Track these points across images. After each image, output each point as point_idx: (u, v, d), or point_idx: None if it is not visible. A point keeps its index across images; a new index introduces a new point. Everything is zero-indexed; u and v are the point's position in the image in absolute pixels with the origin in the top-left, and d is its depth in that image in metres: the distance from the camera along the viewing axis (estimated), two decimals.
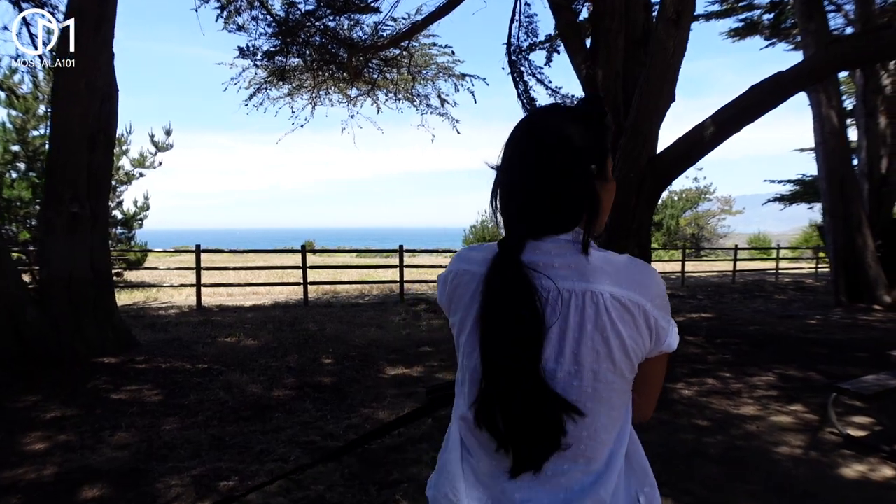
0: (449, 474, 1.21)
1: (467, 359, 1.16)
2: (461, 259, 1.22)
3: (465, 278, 1.18)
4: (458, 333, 1.19)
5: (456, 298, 1.20)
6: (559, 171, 1.12)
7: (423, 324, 10.70)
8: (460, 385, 1.21)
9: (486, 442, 1.13)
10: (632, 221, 9.32)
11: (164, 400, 5.70)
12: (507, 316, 1.06)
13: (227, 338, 8.91)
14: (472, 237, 34.80)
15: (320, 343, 8.57)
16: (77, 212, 6.95)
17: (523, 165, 1.14)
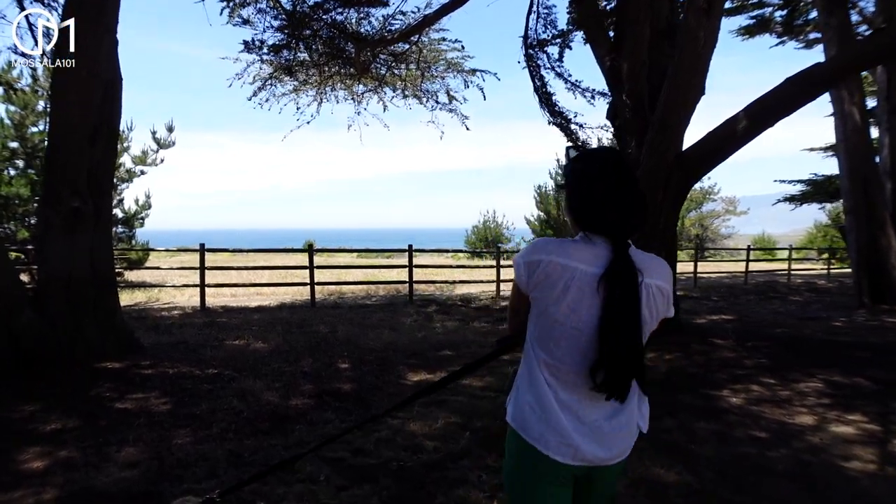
0: (542, 407, 1.69)
1: (562, 324, 1.65)
2: (549, 251, 1.67)
3: (556, 269, 1.64)
4: (547, 305, 1.66)
5: (547, 282, 1.65)
6: (643, 199, 1.72)
7: (437, 326, 10.22)
8: (543, 339, 1.70)
9: (572, 378, 1.67)
10: (657, 220, 8.85)
11: (174, 409, 5.20)
12: (626, 300, 1.60)
13: (236, 340, 8.41)
14: (473, 237, 34.31)
15: (334, 346, 8.07)
16: (78, 207, 6.45)
17: (628, 191, 1.69)
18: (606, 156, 1.80)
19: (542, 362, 1.70)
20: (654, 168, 8.57)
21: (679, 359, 7.41)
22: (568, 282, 1.62)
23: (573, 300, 1.62)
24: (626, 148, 9.16)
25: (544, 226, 30.94)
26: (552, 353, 1.68)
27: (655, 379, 6.42)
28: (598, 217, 1.67)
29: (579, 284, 1.62)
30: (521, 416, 1.74)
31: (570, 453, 1.67)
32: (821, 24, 13.13)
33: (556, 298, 1.64)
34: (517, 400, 1.78)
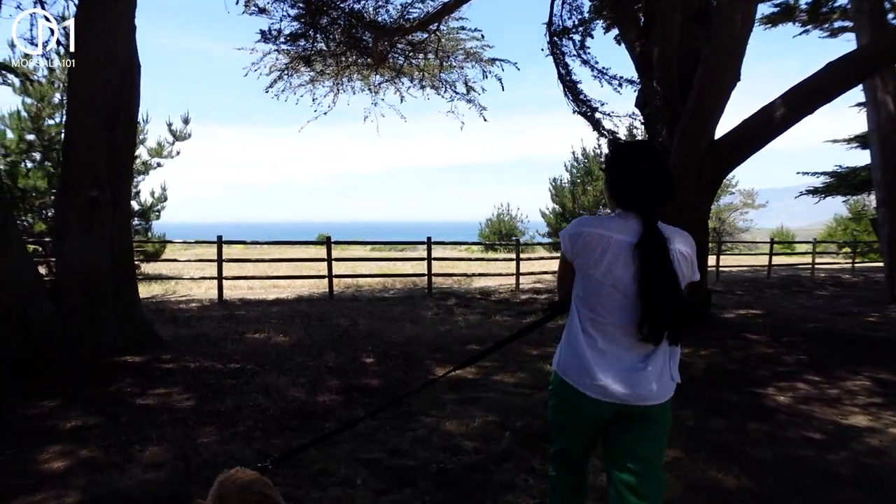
0: (579, 353, 2.03)
1: (599, 283, 2.00)
2: (588, 224, 2.05)
3: (595, 238, 1.99)
4: (588, 268, 2.02)
5: (586, 249, 2.01)
6: (672, 184, 2.13)
7: (459, 319, 9.95)
8: (586, 298, 2.05)
9: (610, 330, 2.01)
10: (689, 210, 8.53)
11: (197, 406, 4.97)
12: (661, 263, 1.94)
13: (256, 334, 8.19)
14: (487, 230, 34.02)
15: (356, 340, 7.83)
16: (96, 196, 6.22)
17: (656, 175, 2.04)
18: (639, 145, 2.37)
19: (584, 317, 2.05)
20: (686, 156, 8.24)
21: (716, 355, 7.10)
22: (604, 248, 1.96)
23: (609, 263, 1.96)
24: (657, 136, 8.83)
25: (559, 219, 30.59)
26: (594, 309, 2.02)
27: (695, 375, 6.13)
28: (632, 195, 2.03)
29: (614, 250, 1.96)
30: (564, 362, 2.11)
31: (602, 392, 2.00)
32: (851, 11, 12.70)
33: (595, 262, 1.98)
34: (561, 349, 2.15)
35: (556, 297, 2.42)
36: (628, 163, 2.09)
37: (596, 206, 29.28)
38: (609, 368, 1.98)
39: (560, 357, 2.14)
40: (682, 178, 8.37)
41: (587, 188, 29.53)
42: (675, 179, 8.31)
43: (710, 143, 8.25)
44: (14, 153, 14.95)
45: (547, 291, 14.27)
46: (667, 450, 3.16)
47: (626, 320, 1.97)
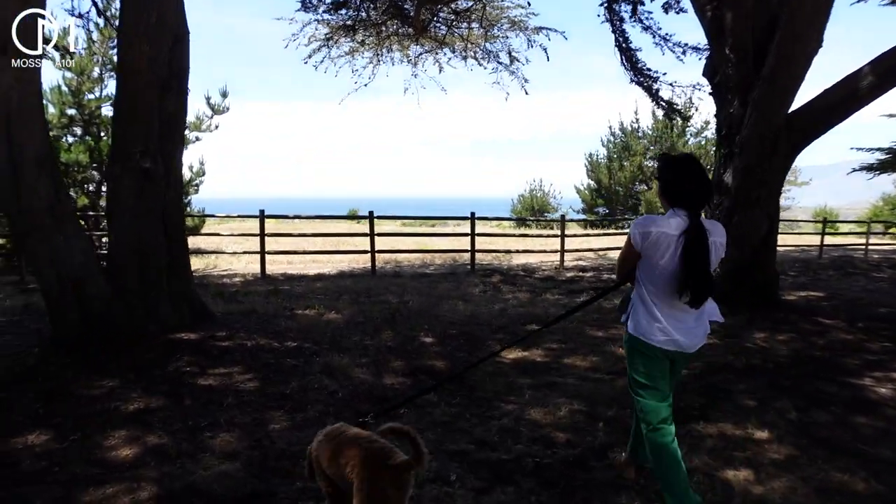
0: (655, 318, 2.71)
1: (663, 269, 2.63)
2: (655, 223, 2.64)
3: (662, 236, 2.60)
4: (653, 258, 2.65)
5: (655, 244, 2.62)
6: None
7: (509, 297, 9.57)
8: (650, 278, 2.70)
9: (667, 298, 2.67)
10: (760, 187, 7.98)
11: (261, 387, 4.67)
12: (701, 251, 2.57)
13: (306, 310, 7.90)
14: (519, 206, 33.39)
15: (410, 318, 7.50)
16: (148, 168, 5.92)
17: (700, 180, 2.66)
18: (686, 157, 2.79)
19: (651, 293, 2.71)
20: (760, 129, 7.66)
21: (795, 340, 6.61)
22: (668, 243, 2.60)
23: (670, 254, 2.60)
24: (727, 108, 8.24)
25: (594, 195, 29.88)
26: (656, 285, 2.68)
27: (781, 363, 5.68)
28: (683, 197, 2.64)
29: (668, 242, 2.59)
30: (641, 326, 2.74)
31: (672, 343, 2.70)
32: None
33: (661, 254, 2.62)
34: (636, 318, 2.77)
35: (616, 276, 3.05)
36: (679, 171, 2.71)
37: (632, 182, 28.51)
38: (676, 325, 2.70)
39: (638, 324, 2.76)
40: (754, 153, 7.81)
41: (624, 164, 28.70)
42: (747, 154, 7.76)
43: (786, 115, 7.66)
44: (56, 128, 14.80)
45: (592, 269, 13.80)
46: (779, 446, 3.77)
47: (670, 285, 2.65)
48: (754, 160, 7.85)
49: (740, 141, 7.94)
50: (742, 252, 8.16)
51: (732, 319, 7.53)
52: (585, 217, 30.23)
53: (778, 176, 8.07)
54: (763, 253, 8.24)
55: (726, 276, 8.25)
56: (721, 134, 8.42)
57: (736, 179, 8.06)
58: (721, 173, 8.39)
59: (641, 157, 28.32)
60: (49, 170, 5.27)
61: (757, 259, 8.20)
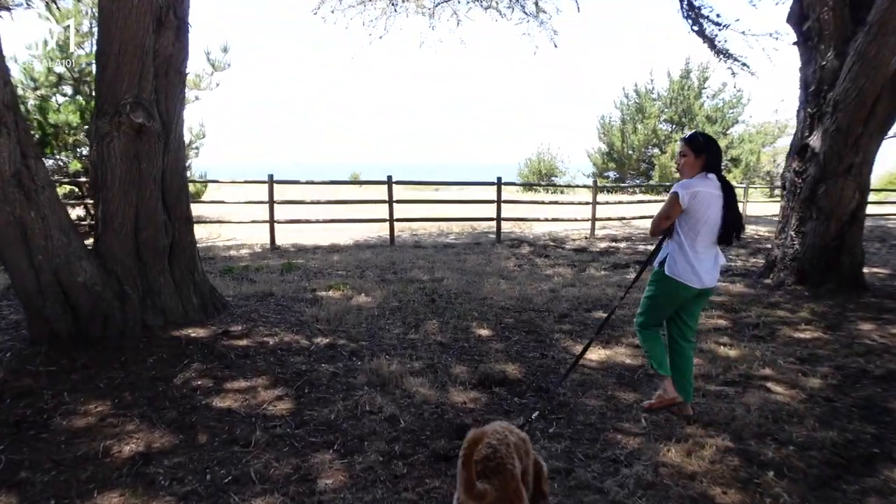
0: (691, 263, 3.27)
1: (707, 221, 3.26)
2: (699, 185, 3.24)
3: (706, 195, 3.22)
4: (698, 212, 3.23)
5: (701, 201, 3.22)
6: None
7: (550, 273, 8.39)
8: (693, 228, 3.27)
9: (706, 244, 3.30)
10: (854, 153, 6.75)
11: (297, 410, 3.51)
12: (734, 204, 3.36)
13: (329, 291, 6.72)
14: (526, 170, 32.01)
15: (452, 302, 6.33)
16: (142, 123, 4.64)
17: (721, 156, 3.44)
18: (710, 135, 3.52)
19: (691, 240, 3.28)
20: (861, 86, 6.39)
21: None
22: (710, 200, 3.24)
23: (710, 206, 3.24)
24: (818, 59, 6.95)
25: (606, 158, 28.55)
26: (698, 234, 3.27)
27: None
28: (716, 165, 3.35)
29: (709, 200, 3.24)
30: (679, 269, 3.30)
31: (700, 282, 3.30)
32: None
33: (705, 209, 3.24)
34: (674, 263, 3.32)
35: (652, 231, 3.51)
36: (712, 144, 3.37)
37: (645, 146, 27.15)
38: (702, 268, 3.29)
39: (676, 266, 3.31)
40: (851, 113, 6.55)
41: (637, 126, 27.27)
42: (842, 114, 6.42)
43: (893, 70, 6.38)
44: (43, 86, 13.33)
45: (625, 239, 12.63)
46: None
47: (712, 239, 3.31)
48: (850, 122, 6.60)
49: (834, 99, 6.67)
50: (828, 228, 6.98)
51: (822, 305, 6.40)
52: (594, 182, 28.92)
53: (874, 142, 6.83)
54: (851, 229, 7.06)
55: (810, 254, 7.09)
56: (808, 91, 7.13)
57: (825, 144, 6.82)
58: (805, 136, 7.14)
59: (655, 119, 26.90)
60: (11, 128, 3.99)
61: (843, 236, 7.02)
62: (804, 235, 7.13)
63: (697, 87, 26.46)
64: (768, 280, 7.56)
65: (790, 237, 7.28)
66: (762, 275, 7.78)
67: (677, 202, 3.23)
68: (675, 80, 27.00)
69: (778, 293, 6.99)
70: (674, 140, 25.93)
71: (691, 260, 3.23)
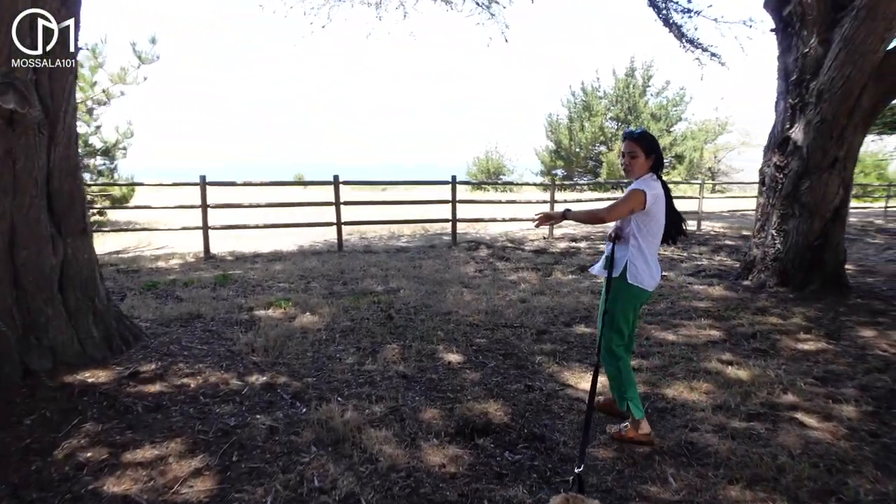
0: (650, 265, 3.08)
1: (660, 221, 3.11)
2: (654, 185, 3.07)
3: (660, 196, 3.09)
4: (656, 213, 3.07)
5: (659, 202, 3.07)
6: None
7: (514, 279, 7.63)
8: (649, 230, 3.09)
9: (655, 247, 3.14)
10: (838, 146, 6.25)
11: (221, 496, 2.55)
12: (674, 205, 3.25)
13: (270, 310, 5.74)
14: (475, 168, 31.36)
15: (412, 318, 5.46)
16: (15, 110, 3.56)
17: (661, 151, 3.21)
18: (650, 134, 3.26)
19: (650, 244, 3.10)
20: (847, 75, 5.87)
21: None
22: (661, 199, 3.10)
23: (662, 208, 3.11)
24: (799, 46, 6.41)
25: (554, 156, 28.16)
26: (656, 236, 3.13)
27: None
28: (661, 166, 3.18)
29: (662, 199, 3.11)
30: (641, 276, 3.06)
31: (654, 284, 3.14)
32: None
33: (659, 209, 3.09)
34: (636, 270, 3.07)
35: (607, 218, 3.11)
36: (657, 143, 3.17)
37: (593, 143, 26.88)
38: (657, 270, 3.15)
39: (638, 274, 3.07)
40: (836, 104, 6.04)
41: (584, 124, 26.98)
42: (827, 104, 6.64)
43: (881, 57, 5.89)
44: None
45: (584, 238, 12.03)
46: None
47: (657, 234, 3.14)
48: (835, 112, 6.08)
49: (818, 88, 6.13)
50: (811, 225, 6.46)
51: (812, 309, 5.86)
52: (543, 180, 28.52)
53: (859, 134, 6.35)
54: (834, 226, 6.57)
55: (792, 253, 6.56)
56: (790, 80, 6.58)
57: (809, 136, 6.29)
58: (786, 129, 6.60)
59: (602, 117, 26.67)
60: None
61: (827, 234, 6.52)
62: (786, 234, 6.59)
63: (642, 85, 26.40)
64: (747, 282, 7.01)
65: (771, 236, 6.74)
66: (740, 276, 7.23)
67: (643, 201, 3.01)
68: (620, 78, 26.90)
69: (762, 296, 6.43)
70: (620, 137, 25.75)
71: (650, 263, 3.11)
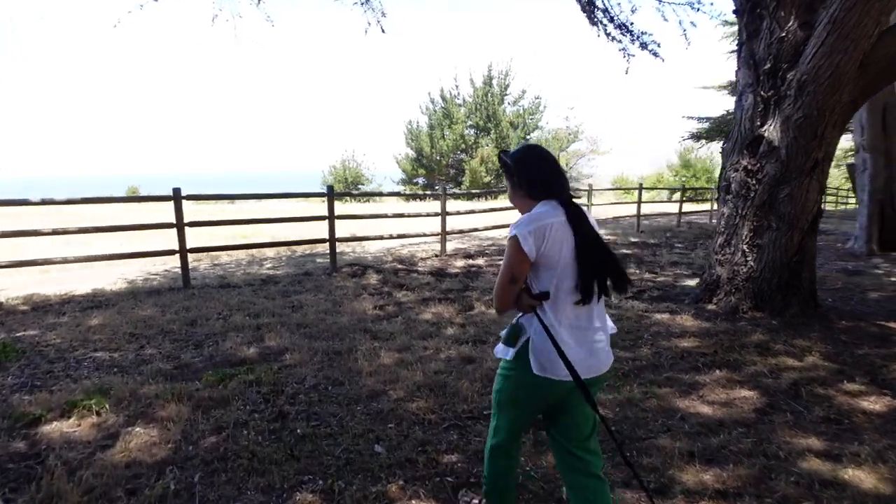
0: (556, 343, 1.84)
1: (564, 268, 1.87)
2: (545, 216, 1.87)
3: (557, 230, 1.86)
4: (552, 259, 1.86)
5: (555, 240, 1.85)
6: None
7: (429, 316, 5.72)
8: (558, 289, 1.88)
9: (573, 308, 1.88)
10: (818, 149, 5.16)
11: None
12: (595, 233, 1.93)
13: (69, 419, 3.26)
14: (331, 178, 28.81)
15: (320, 417, 3.31)
16: None
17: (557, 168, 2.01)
18: (538, 146, 2.12)
19: (556, 309, 1.89)
20: (838, 62, 4.76)
21: None
22: (560, 235, 1.87)
23: (563, 247, 1.88)
24: (774, 30, 5.22)
25: (415, 164, 26.59)
26: (561, 294, 1.89)
27: None
28: (556, 185, 1.98)
29: (563, 234, 1.88)
30: (548, 362, 1.87)
31: (588, 370, 1.91)
32: None
33: (559, 250, 1.87)
34: (539, 352, 1.89)
35: (498, 307, 1.99)
36: (545, 158, 2.04)
37: (455, 150, 25.72)
38: (588, 348, 1.93)
39: (541, 359, 1.89)
40: (821, 97, 4.92)
41: (445, 132, 25.74)
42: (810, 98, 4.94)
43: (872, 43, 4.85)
44: None
45: (480, 254, 10.38)
46: None
47: (573, 291, 1.90)
48: (820, 107, 4.95)
49: (799, 79, 4.97)
50: (791, 238, 5.32)
51: (812, 341, 4.69)
52: (404, 190, 26.85)
53: (837, 132, 5.29)
54: (810, 240, 5.50)
55: (769, 272, 5.37)
56: (761, 69, 5.36)
57: (788, 135, 5.11)
58: (757, 126, 5.39)
59: (462, 125, 25.63)
60: None
61: (804, 248, 5.43)
62: (760, 249, 5.39)
63: (500, 93, 25.82)
64: (713, 305, 5.74)
65: (742, 252, 5.50)
66: (700, 298, 5.95)
67: (520, 253, 1.88)
68: (478, 86, 26.07)
69: (741, 325, 5.18)
70: (481, 146, 25.01)
71: (565, 337, 1.89)
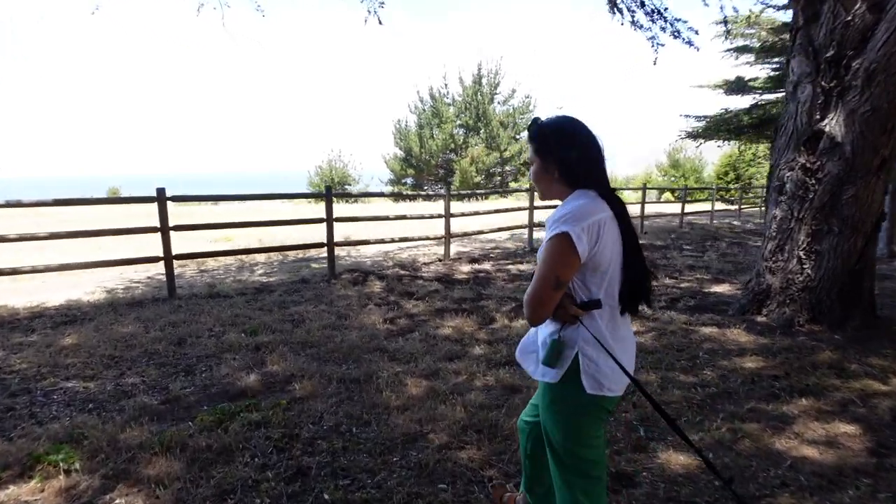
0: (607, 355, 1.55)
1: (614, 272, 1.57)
2: (597, 210, 1.53)
3: (608, 223, 1.54)
4: (607, 263, 1.55)
5: (606, 241, 1.53)
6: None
7: (448, 331, 5.06)
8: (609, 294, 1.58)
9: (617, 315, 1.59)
10: (886, 145, 4.61)
11: None
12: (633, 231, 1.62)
13: (32, 482, 2.53)
14: (317, 178, 27.94)
15: (349, 476, 2.64)
16: None
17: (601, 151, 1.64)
18: (579, 120, 1.67)
19: (604, 316, 1.60)
20: None
21: None
22: (610, 233, 1.56)
23: (613, 248, 1.58)
24: (838, 13, 4.63)
25: (404, 164, 25.85)
26: (612, 300, 1.61)
27: None
28: (595, 173, 1.63)
29: (612, 232, 1.57)
30: (604, 377, 1.59)
31: (624, 382, 1.63)
32: None
33: (611, 250, 1.57)
34: (592, 368, 1.59)
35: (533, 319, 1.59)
36: (590, 136, 1.64)
37: (445, 150, 25.05)
38: (629, 357, 1.66)
39: (599, 374, 1.58)
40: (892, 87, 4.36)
41: (434, 132, 25.05)
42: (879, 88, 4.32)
43: None
44: None
45: (486, 258, 9.73)
46: None
47: (618, 297, 1.62)
48: (891, 99, 4.39)
49: (867, 68, 4.40)
50: (853, 244, 4.75)
51: (876, 355, 4.11)
52: (393, 189, 26.10)
53: None
54: (871, 245, 4.94)
55: (828, 281, 4.79)
56: (822, 57, 4.77)
57: (853, 130, 4.53)
58: (815, 120, 4.80)
59: (452, 124, 24.95)
60: None
61: (866, 254, 4.87)
62: (819, 256, 4.81)
63: (489, 92, 25.21)
64: (762, 317, 5.16)
65: (797, 259, 4.92)
66: (747, 310, 5.35)
67: (570, 252, 1.50)
68: (468, 85, 25.44)
69: (802, 339, 4.59)
70: (470, 145, 24.37)
71: (618, 346, 1.60)
